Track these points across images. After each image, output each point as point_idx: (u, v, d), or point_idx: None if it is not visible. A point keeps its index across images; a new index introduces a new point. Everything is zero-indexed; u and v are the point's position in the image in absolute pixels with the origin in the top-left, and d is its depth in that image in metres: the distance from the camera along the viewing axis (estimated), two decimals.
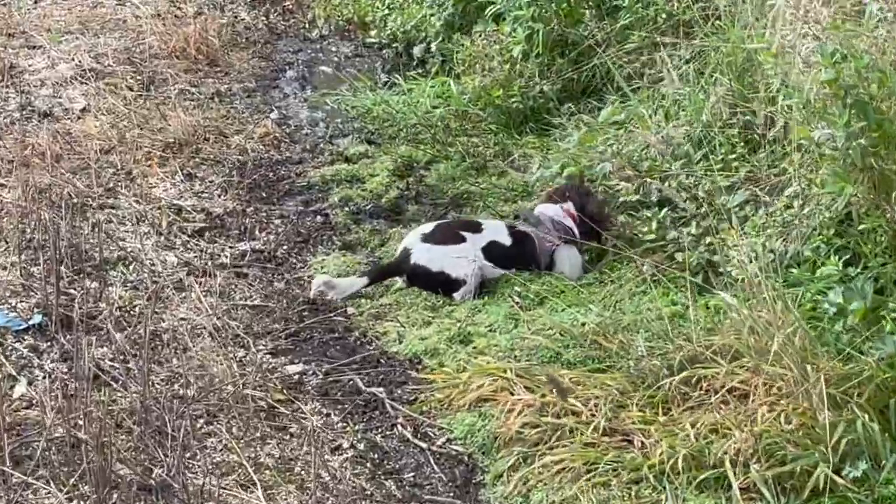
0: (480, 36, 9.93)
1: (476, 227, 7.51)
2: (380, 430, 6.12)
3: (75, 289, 7.22)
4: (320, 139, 9.66)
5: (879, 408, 5.61)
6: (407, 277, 7.35)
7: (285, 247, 7.99)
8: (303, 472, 5.76)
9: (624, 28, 9.32)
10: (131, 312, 7.10)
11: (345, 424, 6.13)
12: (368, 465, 5.87)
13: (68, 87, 10.36)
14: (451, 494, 5.74)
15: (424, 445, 6.01)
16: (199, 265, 7.67)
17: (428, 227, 7.52)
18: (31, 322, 6.85)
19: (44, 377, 6.42)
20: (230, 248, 7.96)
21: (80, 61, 10.76)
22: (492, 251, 7.39)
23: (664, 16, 9.08)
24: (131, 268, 7.55)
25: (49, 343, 6.72)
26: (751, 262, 6.87)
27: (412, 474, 5.87)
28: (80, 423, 5.76)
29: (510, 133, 9.41)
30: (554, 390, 5.99)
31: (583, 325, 6.64)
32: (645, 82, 8.94)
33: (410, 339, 6.80)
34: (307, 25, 12.14)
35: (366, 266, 7.69)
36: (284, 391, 6.33)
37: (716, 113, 7.96)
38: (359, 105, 10.18)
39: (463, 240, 7.37)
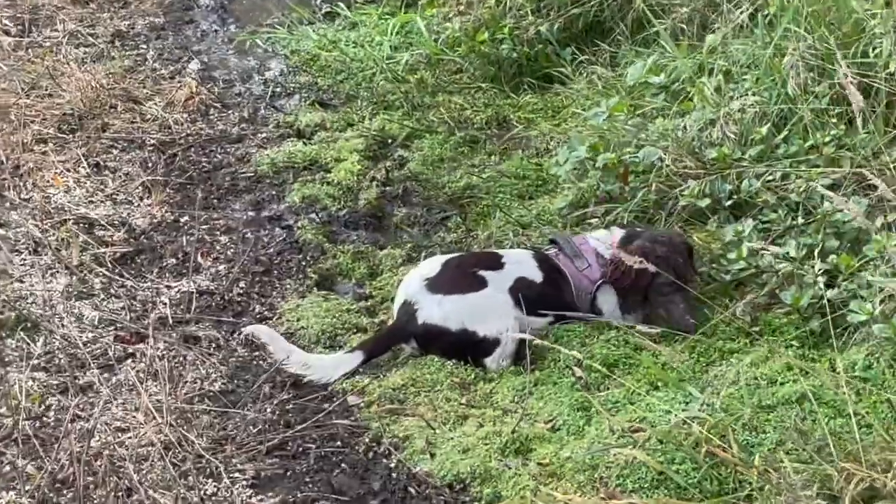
0: None
1: (495, 262, 5.31)
2: None
3: None
4: (259, 101, 7.31)
5: None
6: (417, 342, 5.15)
7: (242, 283, 5.71)
8: None
9: None
10: (44, 419, 4.82)
11: None
12: None
13: None
14: None
15: None
16: (129, 322, 5.37)
17: (431, 266, 5.29)
18: None
19: None
20: (167, 287, 5.65)
21: None
22: (521, 293, 5.22)
23: None
24: (39, 341, 5.20)
25: None
26: (883, 301, 4.92)
27: None
28: None
29: (502, 89, 7.16)
30: None
31: (685, 423, 4.51)
32: (675, 23, 6.72)
33: (445, 450, 4.65)
34: None
35: (357, 315, 5.45)
36: None
37: (798, 82, 5.78)
38: (300, 49, 7.78)
39: (483, 283, 5.16)
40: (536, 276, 5.28)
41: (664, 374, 4.91)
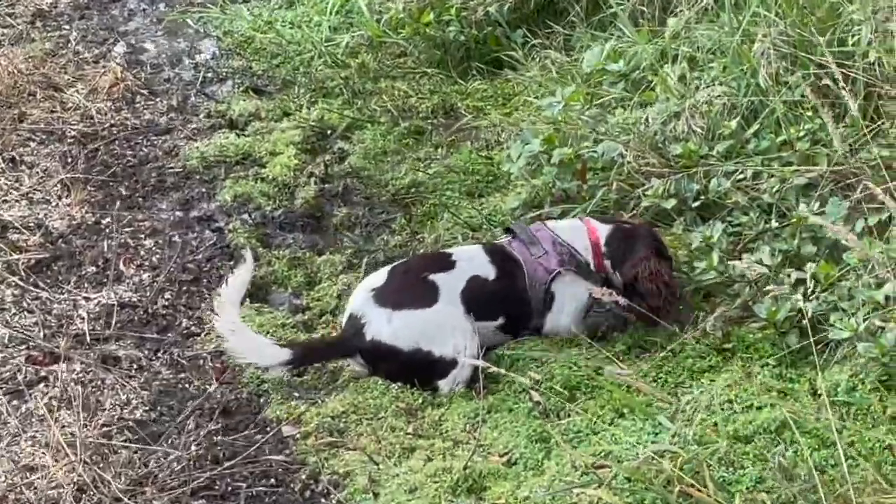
0: None
1: (446, 262, 4.77)
2: None
3: None
4: (189, 88, 6.71)
5: None
6: (364, 359, 4.61)
7: (168, 294, 5.15)
8: None
9: None
10: None
11: None
12: None
13: None
14: None
15: None
16: (43, 341, 4.80)
17: (378, 276, 4.73)
18: None
19: None
20: (86, 299, 5.08)
21: None
22: (474, 294, 4.69)
23: None
24: None
25: None
26: (867, 316, 4.45)
27: None
28: None
29: (449, 75, 6.60)
30: None
31: (654, 458, 4.01)
32: (634, 5, 6.20)
33: (391, 489, 4.15)
34: None
35: (293, 331, 4.93)
36: None
37: (769, 72, 5.28)
38: (233, 30, 7.18)
39: (434, 292, 4.63)
40: (490, 272, 4.76)
41: (630, 399, 4.40)
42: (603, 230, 4.86)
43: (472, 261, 4.77)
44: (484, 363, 4.23)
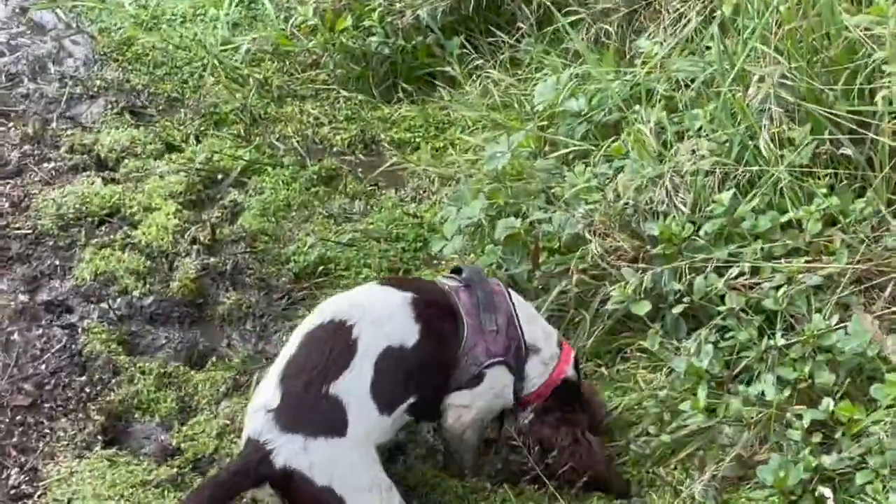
0: None
1: (344, 350, 3.46)
2: None
3: None
4: (51, 107, 5.38)
5: None
6: (273, 488, 3.39)
7: None
8: None
9: None
10: None
11: None
12: None
13: None
14: None
15: None
16: None
17: (270, 393, 3.42)
18: None
19: None
20: None
21: None
22: (386, 378, 3.48)
23: None
24: None
25: None
26: None
27: None
28: None
29: (371, 97, 5.32)
30: None
31: None
32: (594, 18, 4.96)
33: None
34: None
35: (157, 493, 3.69)
36: None
37: (771, 132, 4.06)
38: (111, 26, 5.84)
39: (341, 411, 3.41)
40: (410, 334, 3.54)
41: None
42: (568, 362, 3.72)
43: (384, 324, 3.51)
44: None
